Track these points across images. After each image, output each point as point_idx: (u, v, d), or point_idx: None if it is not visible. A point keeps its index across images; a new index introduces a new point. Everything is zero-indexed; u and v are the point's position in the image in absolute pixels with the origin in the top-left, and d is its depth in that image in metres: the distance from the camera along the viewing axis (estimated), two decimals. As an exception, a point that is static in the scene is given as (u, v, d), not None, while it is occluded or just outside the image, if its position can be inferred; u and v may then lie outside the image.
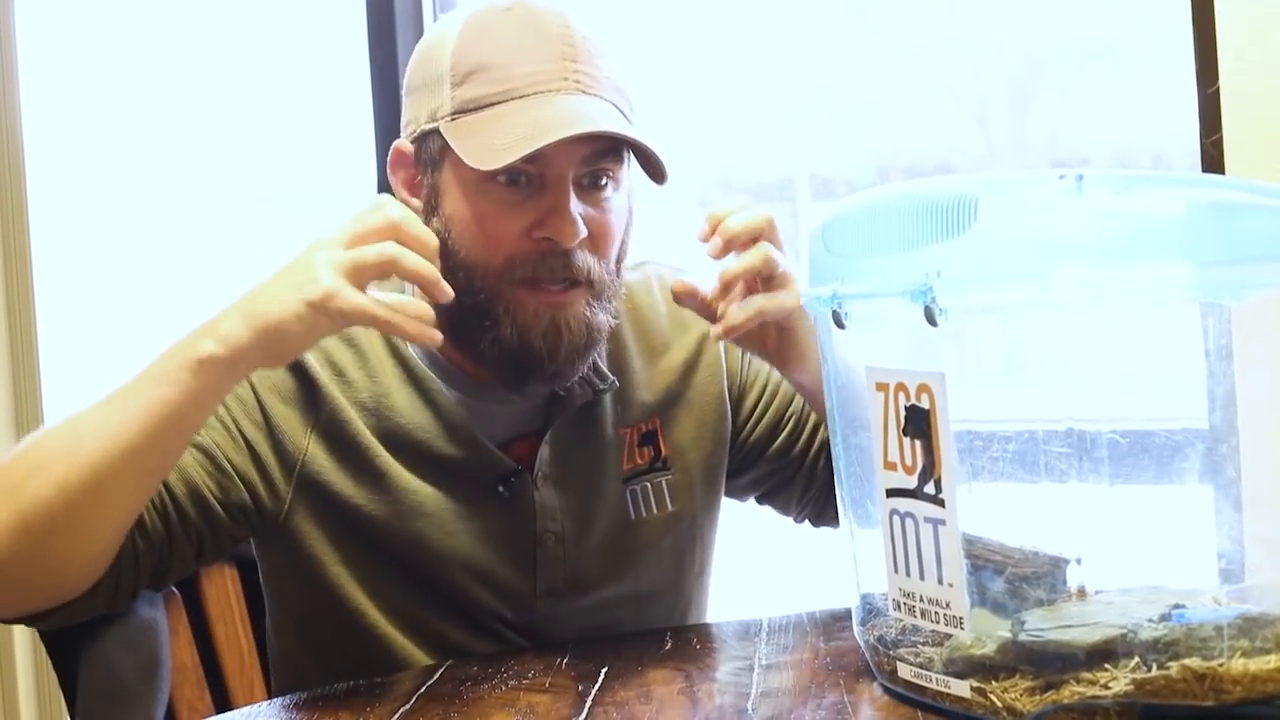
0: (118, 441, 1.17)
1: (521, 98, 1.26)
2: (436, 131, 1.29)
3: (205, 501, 1.29)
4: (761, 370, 1.49)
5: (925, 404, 1.05)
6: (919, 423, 1.05)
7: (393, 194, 1.34)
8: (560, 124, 1.23)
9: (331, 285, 1.14)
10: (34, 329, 2.65)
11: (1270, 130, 1.53)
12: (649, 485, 1.43)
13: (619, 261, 1.34)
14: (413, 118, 1.33)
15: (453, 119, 1.27)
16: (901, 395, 1.07)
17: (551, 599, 1.39)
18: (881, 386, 1.09)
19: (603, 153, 1.28)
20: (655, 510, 1.43)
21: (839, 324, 1.14)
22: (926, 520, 1.06)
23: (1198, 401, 1.06)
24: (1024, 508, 1.10)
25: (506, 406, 1.37)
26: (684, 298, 1.32)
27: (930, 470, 1.05)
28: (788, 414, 1.49)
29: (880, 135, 2.34)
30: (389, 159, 1.36)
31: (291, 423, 1.32)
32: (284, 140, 2.78)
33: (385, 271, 1.17)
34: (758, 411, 1.49)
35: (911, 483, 1.07)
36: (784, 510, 1.54)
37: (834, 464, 1.24)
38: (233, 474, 1.30)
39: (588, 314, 1.30)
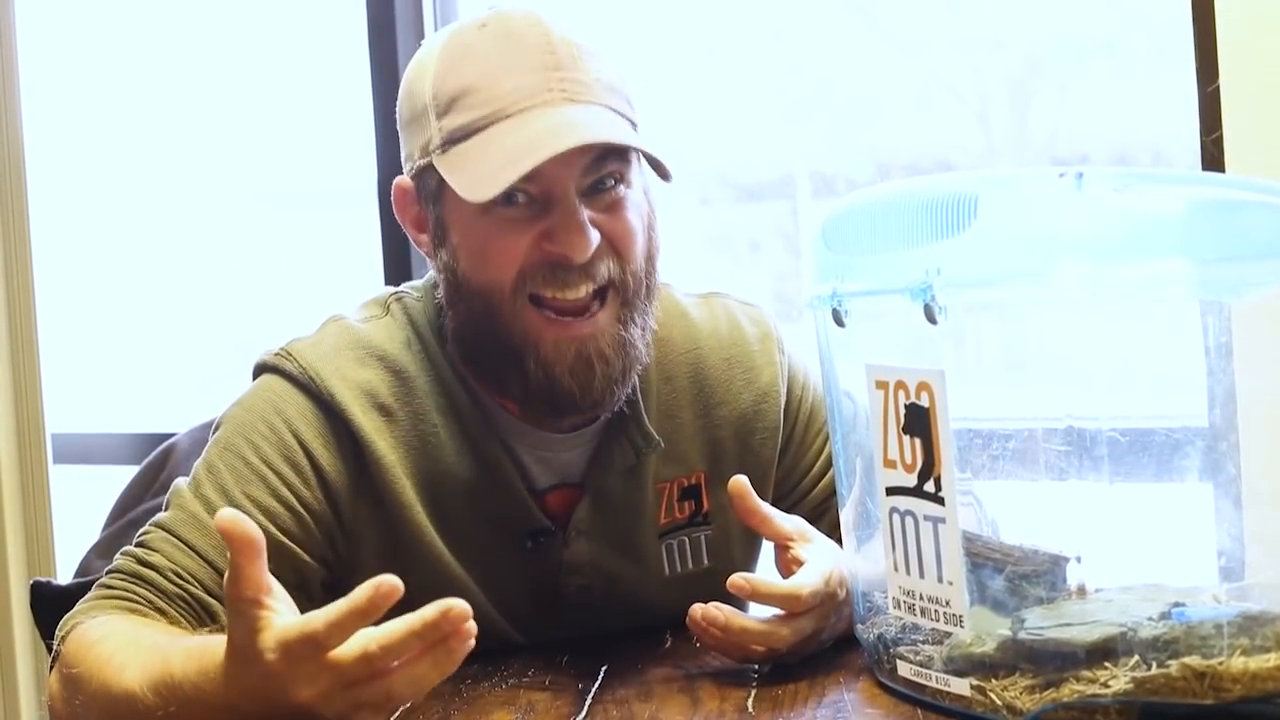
0: None
1: (508, 117, 1.21)
2: (431, 165, 1.25)
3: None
4: (813, 447, 1.43)
5: (925, 402, 1.04)
6: (919, 421, 1.05)
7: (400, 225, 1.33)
8: (549, 139, 1.18)
9: None
10: (34, 327, 2.65)
11: (1270, 128, 1.52)
12: (686, 540, 1.39)
13: (650, 260, 1.28)
14: (409, 154, 1.29)
15: (443, 150, 1.23)
16: (901, 393, 1.06)
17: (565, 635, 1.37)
18: (881, 384, 1.08)
19: (602, 157, 1.23)
20: (691, 566, 1.39)
21: (839, 322, 1.14)
22: (926, 518, 1.06)
23: (1197, 399, 1.05)
24: (1024, 505, 1.10)
25: (548, 453, 1.33)
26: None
27: (930, 468, 1.05)
28: (823, 504, 1.42)
29: (880, 133, 2.34)
30: (394, 199, 1.32)
31: (344, 482, 1.28)
32: (284, 138, 2.78)
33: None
34: (797, 493, 1.43)
35: (911, 481, 1.07)
36: None
37: (834, 462, 1.24)
38: (305, 557, 1.27)
39: (621, 332, 1.25)
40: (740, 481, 1.24)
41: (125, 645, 1.13)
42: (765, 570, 1.43)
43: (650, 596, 1.38)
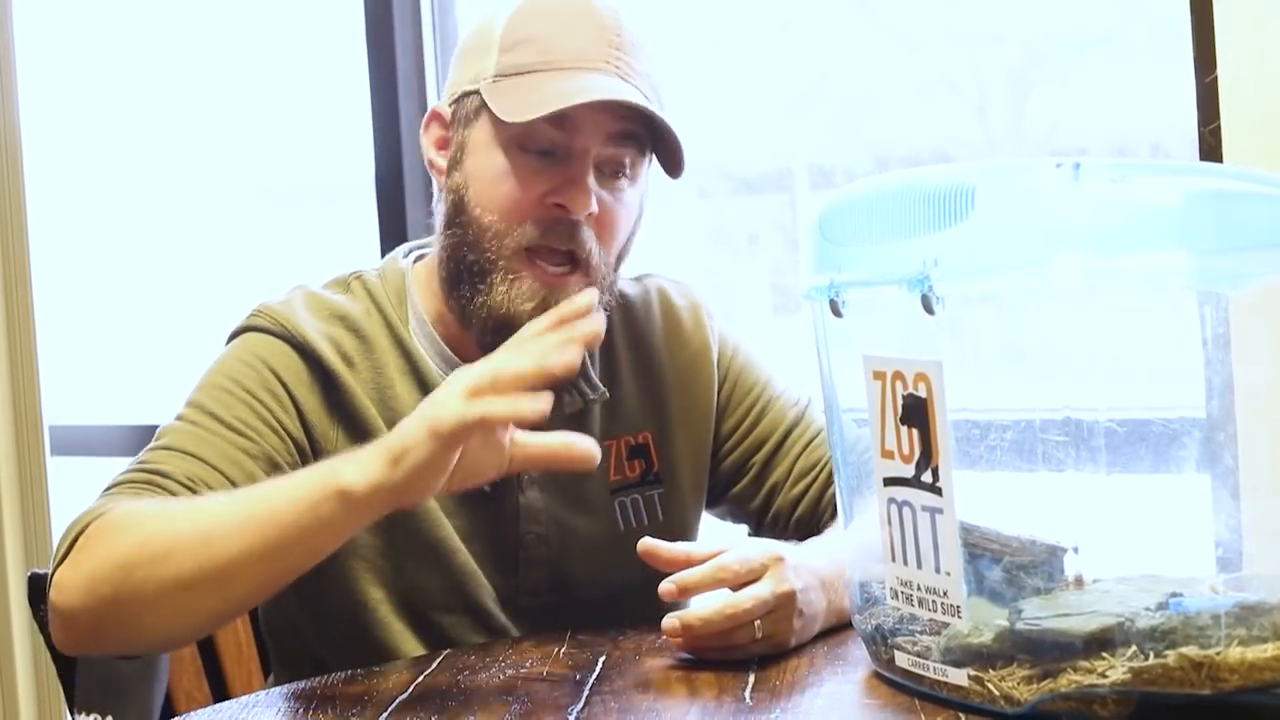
0: (247, 554, 1.16)
1: (562, 70, 1.31)
2: (476, 92, 1.34)
3: None
4: (745, 401, 1.50)
5: (922, 393, 1.04)
6: (916, 411, 1.05)
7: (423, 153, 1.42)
8: (593, 92, 1.28)
9: (459, 410, 1.12)
10: (31, 319, 2.64)
11: (1268, 119, 1.52)
12: (640, 499, 1.45)
13: (620, 259, 1.37)
14: (455, 80, 1.39)
15: (494, 81, 1.33)
16: (899, 384, 1.07)
17: (534, 598, 1.42)
18: (879, 375, 1.09)
19: (627, 136, 1.32)
20: (646, 523, 1.45)
21: (836, 312, 1.14)
22: (924, 509, 1.06)
23: (1195, 390, 1.05)
24: (1021, 496, 1.10)
25: None
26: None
27: (928, 459, 1.05)
28: (751, 461, 1.49)
29: (879, 126, 2.34)
30: (424, 119, 1.41)
31: (320, 413, 1.35)
32: (282, 135, 2.78)
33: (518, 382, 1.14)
34: (730, 442, 1.50)
35: (909, 471, 1.07)
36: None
37: (831, 452, 1.24)
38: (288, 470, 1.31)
39: None
40: (646, 543, 1.25)
41: (191, 501, 1.22)
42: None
43: (607, 552, 1.43)
